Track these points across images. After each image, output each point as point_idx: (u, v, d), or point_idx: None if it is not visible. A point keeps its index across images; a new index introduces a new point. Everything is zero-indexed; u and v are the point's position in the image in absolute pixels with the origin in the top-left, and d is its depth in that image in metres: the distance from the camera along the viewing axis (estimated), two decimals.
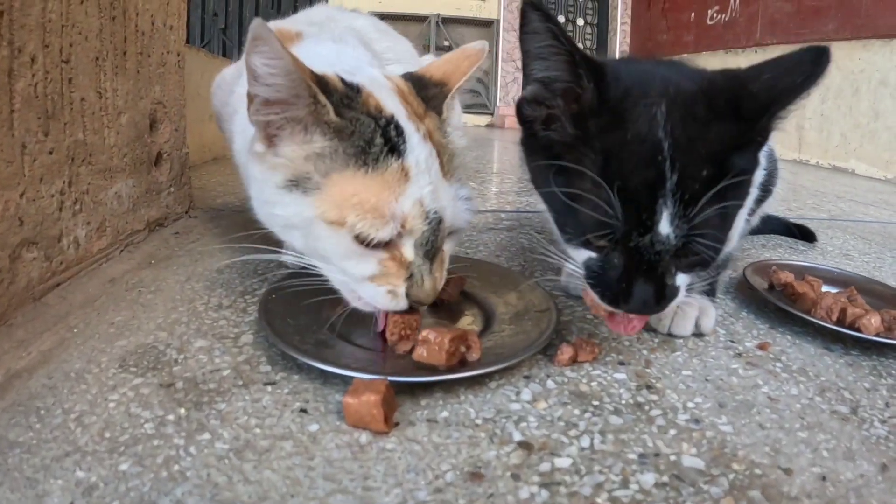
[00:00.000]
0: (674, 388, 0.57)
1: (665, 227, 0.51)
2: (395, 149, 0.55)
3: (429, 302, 0.57)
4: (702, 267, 0.56)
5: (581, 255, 0.57)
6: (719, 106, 0.53)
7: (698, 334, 0.69)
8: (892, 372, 0.63)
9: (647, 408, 0.53)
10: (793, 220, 1.26)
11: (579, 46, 0.54)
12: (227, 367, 0.56)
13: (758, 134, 0.54)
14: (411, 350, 0.55)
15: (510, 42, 5.70)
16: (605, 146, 0.53)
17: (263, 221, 0.63)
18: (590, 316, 0.72)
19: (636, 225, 0.51)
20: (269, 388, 0.53)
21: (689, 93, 0.54)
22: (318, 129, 0.55)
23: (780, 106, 0.52)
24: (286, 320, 0.60)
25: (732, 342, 0.68)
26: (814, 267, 0.92)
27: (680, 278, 0.55)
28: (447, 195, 0.58)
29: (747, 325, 0.74)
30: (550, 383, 0.56)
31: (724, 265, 0.81)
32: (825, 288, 0.80)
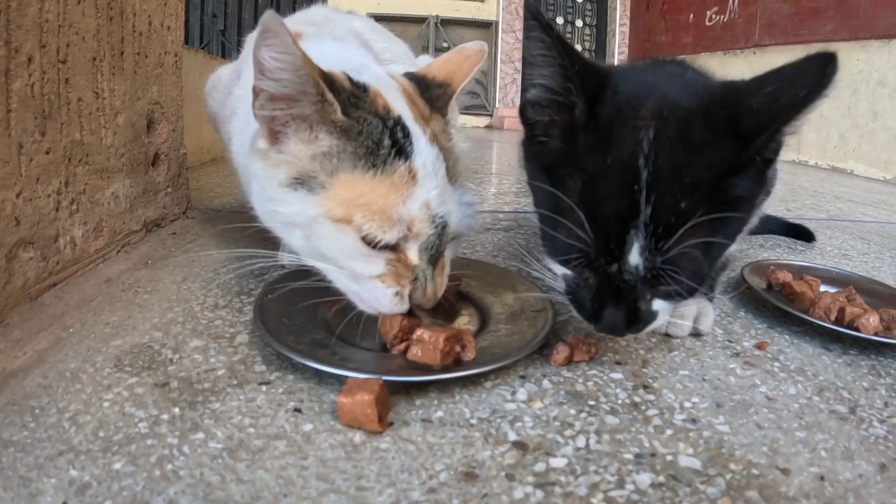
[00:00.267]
0: (671, 387, 0.56)
1: (634, 258, 0.50)
2: (402, 151, 0.54)
3: (429, 306, 0.56)
4: (680, 297, 0.54)
5: (560, 270, 0.56)
6: (716, 124, 0.50)
7: (696, 334, 0.69)
8: (891, 371, 0.63)
9: (643, 407, 0.53)
10: (791, 220, 1.25)
11: (581, 54, 0.52)
12: (221, 366, 0.56)
13: (758, 153, 0.51)
14: (406, 350, 0.55)
15: (509, 43, 5.70)
16: (587, 167, 0.52)
17: (264, 219, 0.62)
18: None
19: (605, 253, 0.50)
20: (264, 387, 0.52)
21: (684, 112, 0.51)
22: (325, 128, 0.54)
23: (782, 122, 0.48)
24: (281, 320, 0.60)
25: (730, 342, 0.68)
26: (812, 266, 0.92)
27: (658, 304, 0.54)
28: (452, 200, 0.58)
29: (745, 324, 0.74)
30: (546, 383, 0.56)
31: (723, 266, 0.81)
32: (824, 287, 0.80)
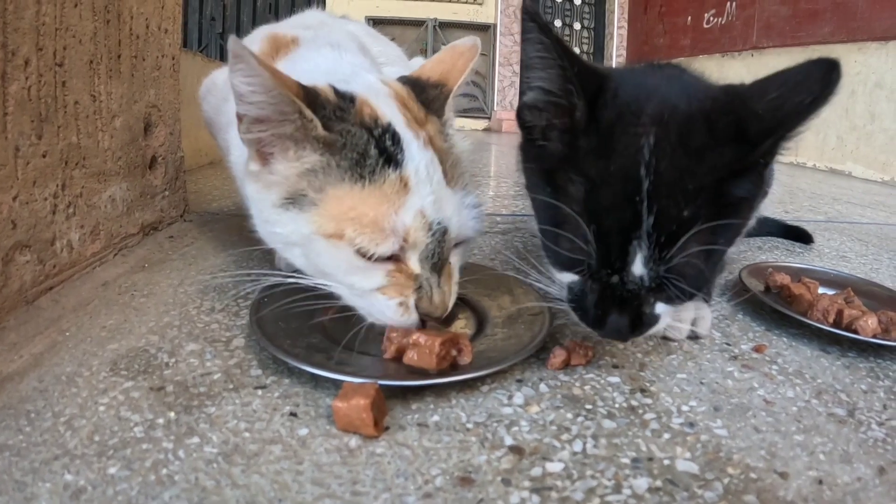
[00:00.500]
0: (668, 391, 0.56)
1: (638, 269, 0.50)
2: (391, 159, 0.53)
3: (439, 315, 0.54)
4: (682, 301, 0.54)
5: (563, 279, 0.56)
6: (720, 129, 0.50)
7: (693, 337, 0.68)
8: (890, 374, 0.62)
9: (640, 411, 0.52)
10: (789, 222, 1.25)
11: (580, 56, 0.52)
12: (217, 370, 0.55)
13: (761, 157, 0.51)
14: (402, 354, 0.54)
15: (507, 46, 5.71)
16: (589, 172, 0.51)
17: (265, 241, 0.61)
18: None
19: (608, 264, 0.50)
20: (260, 391, 0.52)
21: (685, 116, 0.51)
22: (308, 145, 0.53)
23: (787, 129, 0.49)
24: (278, 324, 0.59)
25: (728, 345, 0.68)
26: (810, 269, 0.91)
27: (660, 307, 0.54)
28: (452, 204, 0.56)
29: (743, 327, 0.73)
30: (543, 387, 0.56)
31: (720, 269, 0.81)
32: (822, 290, 0.80)
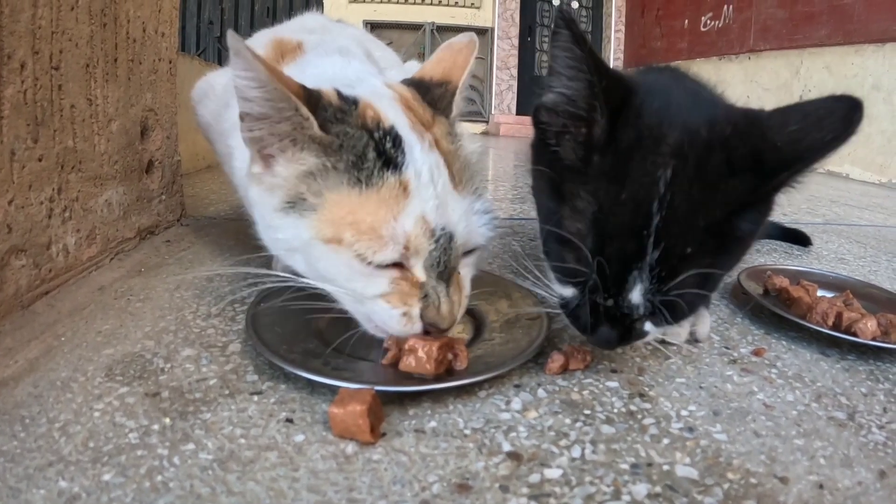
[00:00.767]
0: (667, 395, 0.56)
1: (635, 298, 0.49)
2: (390, 162, 0.51)
3: (446, 326, 0.52)
4: (672, 325, 0.54)
5: (560, 288, 0.55)
6: (736, 159, 0.49)
7: (692, 341, 0.68)
8: (890, 376, 0.62)
9: (639, 416, 0.52)
10: (788, 225, 1.25)
11: (607, 65, 0.50)
12: (213, 376, 0.55)
13: (774, 190, 0.51)
14: (398, 360, 0.53)
15: (504, 50, 5.72)
16: (599, 196, 0.50)
17: (269, 247, 0.60)
18: None
19: (605, 288, 0.50)
20: (256, 397, 0.52)
21: (706, 146, 0.50)
22: (306, 146, 0.52)
23: (805, 164, 0.48)
24: (274, 329, 0.59)
25: (727, 348, 0.68)
26: (809, 271, 0.91)
27: (649, 325, 0.53)
28: (458, 209, 0.53)
29: (742, 330, 0.73)
30: (541, 392, 0.55)
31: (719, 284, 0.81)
32: (820, 292, 0.80)
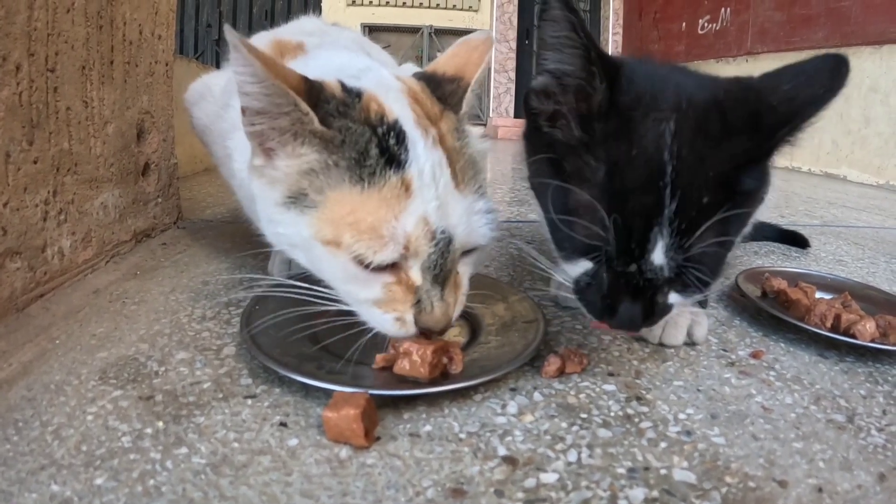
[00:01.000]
0: (665, 399, 0.56)
1: (658, 258, 0.49)
2: (393, 159, 0.50)
3: (439, 329, 0.52)
4: (697, 291, 0.53)
5: (573, 270, 0.55)
6: (736, 119, 0.50)
7: (690, 343, 0.68)
8: (888, 378, 0.62)
9: (636, 420, 0.52)
10: (785, 227, 1.25)
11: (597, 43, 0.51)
12: (207, 379, 0.55)
13: (774, 147, 0.52)
14: (392, 363, 0.53)
15: (502, 53, 5.73)
16: (608, 157, 0.50)
17: (271, 241, 0.59)
18: (578, 326, 0.71)
19: (627, 251, 0.49)
20: (250, 401, 0.51)
21: (703, 105, 0.51)
22: (306, 141, 0.51)
23: (802, 119, 0.50)
24: (269, 332, 0.58)
25: (725, 351, 0.67)
26: (807, 273, 0.91)
27: (673, 297, 0.53)
28: (459, 210, 0.52)
29: (740, 333, 0.73)
30: (537, 395, 0.55)
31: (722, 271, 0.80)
32: (819, 294, 0.79)
